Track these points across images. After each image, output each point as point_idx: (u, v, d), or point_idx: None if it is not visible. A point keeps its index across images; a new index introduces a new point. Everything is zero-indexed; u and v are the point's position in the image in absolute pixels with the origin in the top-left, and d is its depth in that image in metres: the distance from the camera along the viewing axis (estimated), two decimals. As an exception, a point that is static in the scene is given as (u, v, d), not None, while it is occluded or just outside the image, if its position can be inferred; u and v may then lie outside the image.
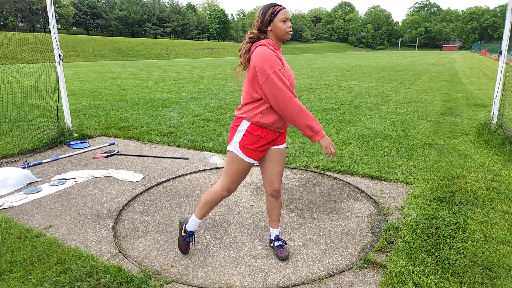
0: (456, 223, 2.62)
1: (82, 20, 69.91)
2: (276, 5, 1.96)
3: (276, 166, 2.14)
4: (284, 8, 1.96)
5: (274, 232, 2.32)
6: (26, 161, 4.19)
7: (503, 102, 5.04)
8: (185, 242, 2.28)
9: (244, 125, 2.00)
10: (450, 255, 2.22)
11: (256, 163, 2.11)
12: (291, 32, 1.98)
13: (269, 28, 1.96)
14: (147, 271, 2.11)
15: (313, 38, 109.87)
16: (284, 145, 2.16)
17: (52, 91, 5.32)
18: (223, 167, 2.73)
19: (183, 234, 2.28)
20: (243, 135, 2.00)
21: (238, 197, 3.20)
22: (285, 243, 2.34)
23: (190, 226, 2.27)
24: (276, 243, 2.29)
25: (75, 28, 73.17)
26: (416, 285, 1.95)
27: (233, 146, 2.04)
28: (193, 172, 3.85)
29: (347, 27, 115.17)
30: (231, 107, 7.87)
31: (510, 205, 2.93)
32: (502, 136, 4.66)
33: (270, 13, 1.94)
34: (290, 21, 1.98)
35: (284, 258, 2.22)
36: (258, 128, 1.99)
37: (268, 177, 2.17)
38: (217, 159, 4.29)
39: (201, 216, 2.25)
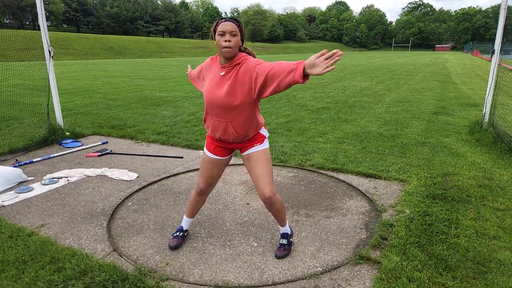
0: (448, 220, 2.65)
1: (72, 17, 68.91)
2: (222, 18, 1.87)
3: (252, 173, 2.09)
4: (226, 21, 1.82)
5: (280, 230, 2.32)
6: (16, 160, 4.13)
7: (495, 101, 5.11)
8: (172, 236, 2.41)
9: None
10: (443, 251, 2.25)
11: (213, 156, 2.16)
12: (227, 48, 1.79)
13: (215, 42, 1.88)
14: (143, 269, 2.09)
15: (307, 37, 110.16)
16: (249, 151, 2.09)
17: (42, 89, 5.23)
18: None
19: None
20: None
21: (233, 196, 3.20)
22: (291, 244, 2.31)
23: (182, 223, 2.45)
24: (281, 241, 2.30)
25: (65, 26, 72.09)
26: (410, 280, 1.97)
27: None
28: (188, 171, 3.84)
29: (341, 26, 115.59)
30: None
31: (501, 201, 2.97)
32: (493, 134, 4.73)
33: (214, 26, 1.88)
34: (233, 35, 1.80)
35: (277, 256, 2.22)
36: None
37: (254, 183, 2.12)
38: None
39: (187, 213, 2.42)
